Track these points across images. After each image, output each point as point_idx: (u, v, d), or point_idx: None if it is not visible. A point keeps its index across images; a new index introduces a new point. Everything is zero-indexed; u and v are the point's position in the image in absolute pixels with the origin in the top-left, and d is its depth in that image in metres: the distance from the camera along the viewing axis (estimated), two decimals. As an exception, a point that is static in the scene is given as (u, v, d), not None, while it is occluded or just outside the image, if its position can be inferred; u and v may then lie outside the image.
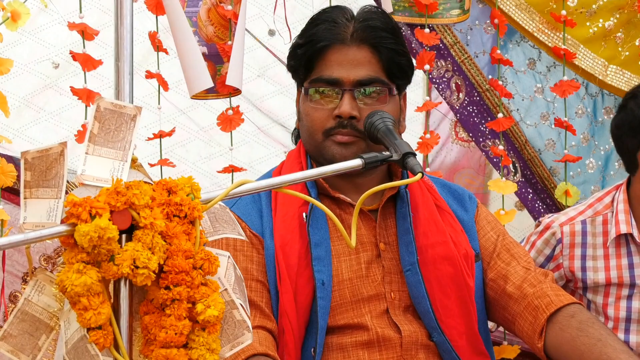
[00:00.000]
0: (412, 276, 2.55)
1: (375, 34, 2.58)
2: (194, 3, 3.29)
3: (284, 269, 2.49)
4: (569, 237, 3.17)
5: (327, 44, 2.57)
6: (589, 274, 3.15)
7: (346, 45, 2.58)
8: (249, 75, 3.93)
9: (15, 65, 3.54)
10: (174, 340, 1.84)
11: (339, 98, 2.56)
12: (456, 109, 3.65)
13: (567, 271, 3.17)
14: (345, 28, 2.59)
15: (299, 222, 2.53)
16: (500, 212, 3.49)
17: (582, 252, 3.17)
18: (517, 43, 3.73)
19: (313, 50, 2.58)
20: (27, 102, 3.77)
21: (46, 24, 3.70)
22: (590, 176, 3.74)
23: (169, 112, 3.77)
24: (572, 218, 3.20)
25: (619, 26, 3.69)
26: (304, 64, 2.61)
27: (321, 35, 2.58)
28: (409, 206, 2.58)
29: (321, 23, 2.61)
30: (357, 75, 2.56)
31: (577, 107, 3.78)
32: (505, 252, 2.71)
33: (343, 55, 2.57)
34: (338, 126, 2.55)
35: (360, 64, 2.57)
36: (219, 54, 3.29)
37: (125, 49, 1.93)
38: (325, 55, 2.58)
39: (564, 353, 2.52)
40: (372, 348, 2.51)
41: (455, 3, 3.50)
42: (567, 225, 3.19)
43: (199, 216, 1.88)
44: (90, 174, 1.85)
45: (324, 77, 2.57)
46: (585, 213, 3.20)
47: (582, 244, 3.18)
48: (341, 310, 2.52)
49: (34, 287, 1.89)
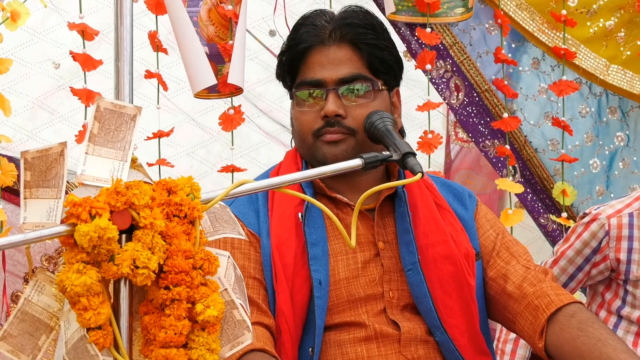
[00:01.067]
0: (413, 276, 2.55)
1: (354, 31, 2.59)
2: (194, 3, 3.29)
3: (280, 269, 2.50)
4: (617, 229, 3.16)
5: (307, 46, 2.58)
6: (632, 266, 3.15)
7: (326, 45, 2.59)
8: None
9: (28, 66, 3.55)
10: (174, 341, 1.84)
11: (324, 98, 2.56)
12: (455, 109, 3.65)
13: (613, 262, 3.16)
14: (323, 29, 2.60)
15: (295, 222, 2.54)
16: (509, 211, 3.50)
17: (629, 245, 3.16)
18: (521, 43, 3.73)
19: (295, 55, 2.60)
20: (41, 103, 3.77)
21: (57, 24, 3.70)
22: (594, 176, 3.74)
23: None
24: (620, 210, 3.19)
25: (621, 26, 3.69)
26: (288, 69, 2.63)
27: (301, 39, 2.60)
28: (407, 206, 2.58)
29: (301, 27, 2.62)
30: (339, 74, 2.57)
31: (581, 106, 3.77)
32: (505, 251, 2.71)
33: (324, 55, 2.58)
34: (326, 125, 2.56)
35: (341, 62, 2.58)
36: (220, 54, 3.30)
37: (125, 49, 1.93)
38: (307, 59, 2.59)
39: (564, 353, 2.51)
40: (371, 343, 2.51)
41: (459, 1, 3.51)
42: (615, 218, 3.17)
43: (199, 216, 1.88)
44: (90, 174, 1.85)
45: (307, 79, 2.58)
46: (633, 206, 3.18)
47: (628, 237, 3.16)
48: (338, 309, 2.52)
49: (34, 287, 1.89)
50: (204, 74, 3.12)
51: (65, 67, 3.66)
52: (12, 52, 3.64)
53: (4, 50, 3.52)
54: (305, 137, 2.59)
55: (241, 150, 3.95)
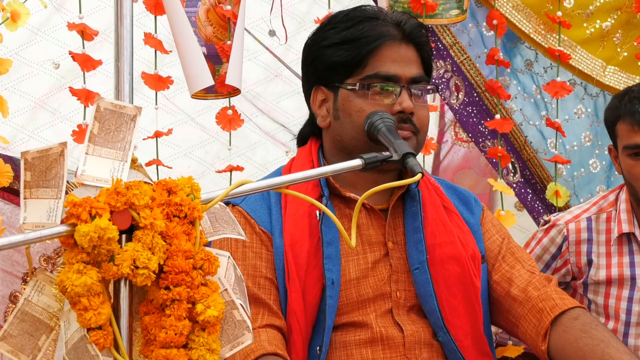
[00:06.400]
0: (420, 275, 2.55)
1: (421, 33, 2.62)
2: (192, 3, 3.29)
3: (293, 268, 2.49)
4: (575, 234, 3.19)
5: (383, 41, 2.57)
6: (591, 270, 3.16)
7: (397, 42, 2.59)
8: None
9: (30, 66, 3.53)
10: (174, 341, 1.84)
11: (396, 94, 2.56)
12: (455, 109, 3.65)
13: (574, 267, 3.19)
14: (393, 26, 2.60)
15: (309, 221, 2.53)
16: (501, 212, 3.50)
17: (588, 249, 3.19)
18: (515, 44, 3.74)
19: (364, 47, 2.57)
20: (43, 103, 3.77)
21: (60, 23, 3.70)
22: (594, 176, 3.75)
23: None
24: (578, 215, 3.22)
25: (617, 27, 3.69)
26: (351, 61, 2.58)
27: (372, 32, 2.58)
28: (420, 205, 2.59)
29: (366, 20, 2.60)
30: (412, 73, 2.59)
31: (577, 107, 3.78)
32: (510, 256, 2.71)
33: (396, 52, 2.59)
34: (399, 121, 2.55)
35: (411, 61, 2.60)
36: (217, 54, 3.29)
37: (125, 49, 1.93)
38: (378, 52, 2.58)
39: (567, 355, 2.52)
40: (376, 346, 2.51)
41: (454, 3, 3.51)
42: (573, 223, 3.20)
43: (199, 216, 1.88)
44: (90, 174, 1.84)
45: (382, 73, 2.57)
46: (590, 210, 3.22)
47: (587, 241, 3.19)
48: (347, 309, 2.52)
49: (34, 287, 1.89)
50: (202, 74, 3.12)
51: (68, 67, 3.66)
52: (16, 51, 3.64)
53: (8, 49, 3.52)
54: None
55: (238, 150, 3.95)
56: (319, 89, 2.65)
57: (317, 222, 2.52)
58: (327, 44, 2.62)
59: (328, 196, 2.56)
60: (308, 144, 2.69)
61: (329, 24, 2.65)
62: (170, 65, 3.50)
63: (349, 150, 2.59)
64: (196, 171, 4.08)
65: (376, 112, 2.51)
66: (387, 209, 2.60)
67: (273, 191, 2.56)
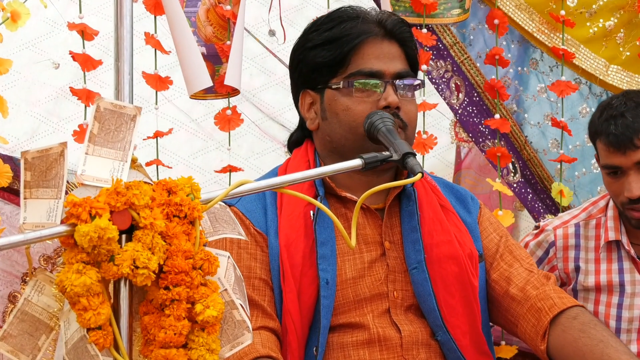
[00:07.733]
0: (418, 274, 2.55)
1: (403, 29, 2.63)
2: (192, 3, 3.29)
3: (288, 268, 2.49)
4: (562, 239, 3.19)
5: (363, 38, 2.58)
6: (580, 276, 3.16)
7: (379, 38, 2.60)
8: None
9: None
10: (174, 341, 1.84)
11: (381, 90, 2.56)
12: (456, 109, 3.65)
13: (562, 273, 3.19)
14: (375, 24, 2.60)
15: (304, 221, 2.53)
16: (499, 212, 3.50)
17: (575, 255, 3.19)
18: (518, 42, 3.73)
19: (346, 45, 2.57)
20: (47, 104, 3.77)
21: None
22: (596, 176, 3.74)
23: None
24: (566, 221, 3.23)
25: (620, 26, 3.69)
26: (333, 61, 2.59)
27: (353, 31, 2.59)
28: (416, 204, 2.59)
29: (347, 20, 2.61)
30: (396, 68, 2.59)
31: (581, 107, 3.77)
32: (508, 254, 2.71)
33: (378, 48, 2.59)
34: None
35: (394, 57, 2.60)
36: (217, 55, 3.29)
37: (125, 49, 1.93)
38: (360, 50, 2.58)
39: (566, 354, 2.52)
40: (373, 347, 2.51)
41: (455, 2, 3.51)
42: (561, 229, 3.21)
43: (199, 216, 1.88)
44: (90, 174, 1.85)
45: (365, 70, 2.57)
46: (579, 216, 3.22)
47: (575, 247, 3.19)
48: (343, 309, 2.52)
49: (34, 287, 1.89)
50: (201, 75, 3.11)
51: (53, 66, 3.66)
52: (32, 43, 3.64)
53: (24, 41, 3.52)
54: (359, 128, 2.56)
55: (237, 150, 3.95)
56: (306, 92, 2.66)
57: (312, 222, 2.52)
58: (310, 45, 2.63)
59: (323, 196, 2.55)
60: (304, 145, 2.69)
61: (312, 27, 2.66)
62: (171, 66, 3.49)
63: (340, 150, 2.59)
64: (195, 171, 4.08)
65: (376, 112, 2.52)
66: (383, 209, 2.60)
67: (269, 191, 2.57)
